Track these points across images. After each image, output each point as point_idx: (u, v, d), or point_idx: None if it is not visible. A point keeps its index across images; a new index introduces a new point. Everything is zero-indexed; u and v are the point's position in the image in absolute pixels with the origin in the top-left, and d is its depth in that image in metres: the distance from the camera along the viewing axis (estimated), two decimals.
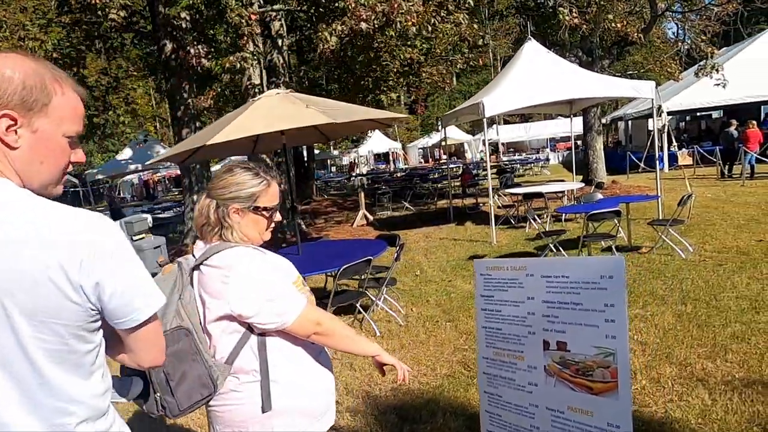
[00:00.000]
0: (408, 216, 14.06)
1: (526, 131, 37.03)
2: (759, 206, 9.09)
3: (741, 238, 6.81)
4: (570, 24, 9.28)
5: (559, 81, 8.76)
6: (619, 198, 7.09)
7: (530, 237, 8.57)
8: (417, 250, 8.91)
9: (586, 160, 13.99)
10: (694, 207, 9.73)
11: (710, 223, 8.01)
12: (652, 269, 5.85)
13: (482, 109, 8.38)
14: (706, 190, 11.97)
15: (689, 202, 6.37)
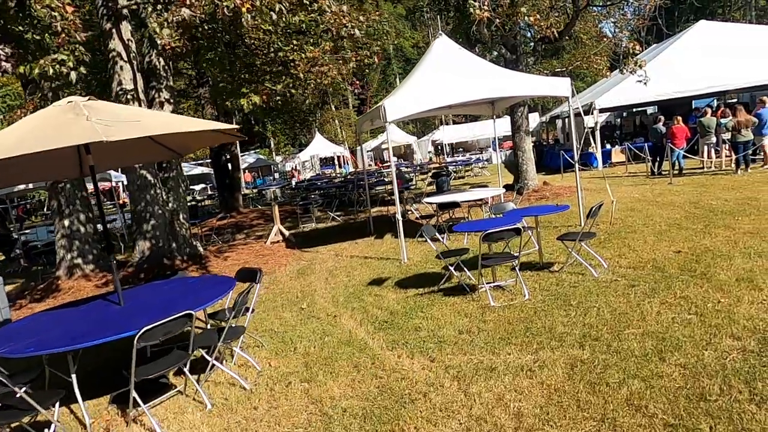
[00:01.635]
0: (333, 228, 13.06)
1: (471, 130, 36.54)
2: (683, 207, 8.61)
3: (659, 249, 6.16)
4: (481, 18, 8.51)
5: (470, 80, 7.97)
6: (529, 210, 6.33)
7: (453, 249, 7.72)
8: (320, 273, 7.91)
9: (516, 161, 13.39)
10: (619, 210, 9.23)
11: (631, 230, 7.39)
12: (559, 294, 5.06)
13: (383, 113, 7.49)
14: (635, 190, 11.56)
15: (599, 212, 5.65)
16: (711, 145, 13.72)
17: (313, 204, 16.13)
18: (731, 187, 10.02)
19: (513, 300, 5.15)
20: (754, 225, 6.62)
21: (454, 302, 5.35)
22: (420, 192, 18.62)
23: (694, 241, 6.29)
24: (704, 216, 7.66)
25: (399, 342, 4.49)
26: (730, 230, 6.55)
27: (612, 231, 7.50)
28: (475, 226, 5.57)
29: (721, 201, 8.62)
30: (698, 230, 6.79)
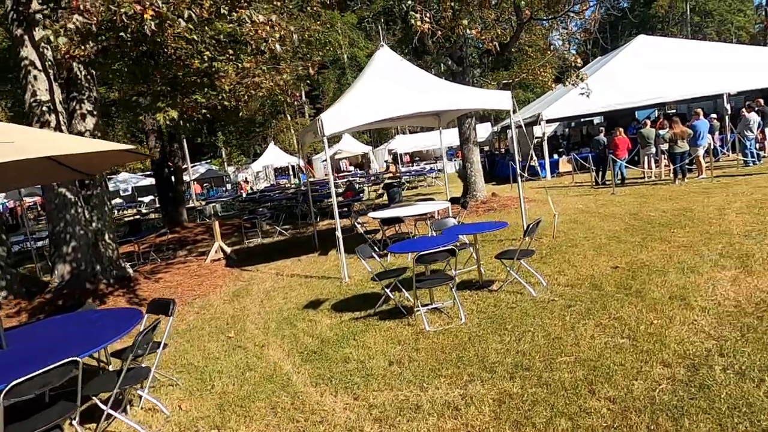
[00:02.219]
0: (279, 243, 12.61)
1: (425, 140, 36.42)
2: (623, 219, 8.70)
3: (598, 264, 6.11)
4: (422, 29, 8.38)
5: (410, 93, 7.79)
6: (466, 227, 6.16)
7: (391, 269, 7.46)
8: (256, 294, 7.48)
9: (464, 173, 13.36)
10: (563, 222, 9.25)
11: (573, 244, 7.35)
12: (495, 317, 4.87)
13: (320, 127, 7.18)
14: (580, 200, 11.71)
15: (536, 230, 5.53)
16: (651, 156, 14.14)
17: (259, 218, 15.60)
18: (669, 197, 10.26)
19: (449, 324, 4.92)
20: (688, 238, 6.69)
21: (389, 327, 5.08)
22: (372, 204, 18.39)
23: (631, 255, 6.28)
24: (642, 228, 7.73)
25: (324, 376, 4.16)
26: (666, 243, 6.59)
27: (554, 245, 7.45)
28: (410, 246, 5.33)
29: (659, 212, 8.77)
30: (636, 243, 6.81)
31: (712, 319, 4.06)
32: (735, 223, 7.12)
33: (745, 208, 8.01)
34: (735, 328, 3.82)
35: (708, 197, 9.53)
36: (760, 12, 49.74)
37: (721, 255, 5.70)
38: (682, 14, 48.76)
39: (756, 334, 3.64)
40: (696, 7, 48.55)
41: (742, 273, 5.03)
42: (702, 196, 9.70)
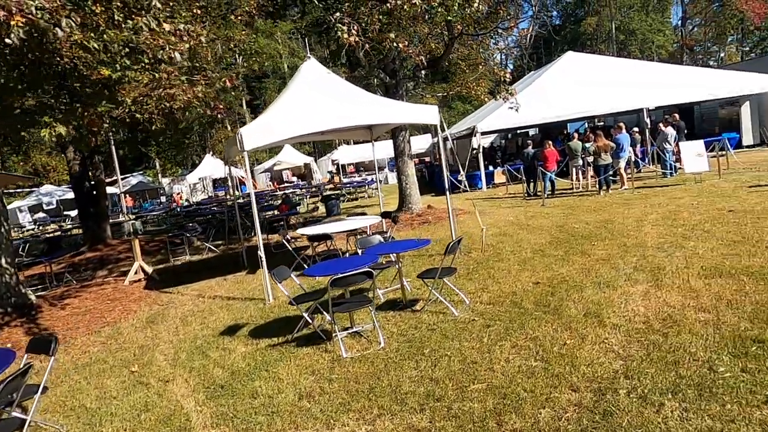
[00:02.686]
0: (209, 261, 12.02)
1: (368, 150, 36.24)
2: (549, 231, 8.87)
3: (521, 280, 6.12)
4: (348, 42, 8.24)
5: (335, 106, 7.60)
6: (391, 245, 6.01)
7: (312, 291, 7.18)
8: (172, 320, 6.99)
9: (399, 185, 13.32)
10: (493, 235, 9.33)
11: (499, 258, 7.38)
12: (414, 340, 4.72)
13: (240, 142, 6.85)
14: (511, 212, 11.91)
15: (458, 248, 5.46)
16: (578, 168, 14.69)
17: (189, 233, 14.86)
18: (593, 209, 10.61)
19: (368, 349, 4.72)
20: (607, 250, 6.87)
21: (305, 354, 4.81)
22: (310, 217, 18.02)
23: (553, 270, 6.35)
24: (566, 241, 7.89)
25: (227, 415, 3.84)
26: (586, 257, 6.73)
27: (481, 260, 7.45)
28: (326, 268, 5.10)
29: (583, 224, 9.01)
30: (558, 258, 6.91)
31: (622, 337, 4.08)
32: (650, 235, 7.39)
33: (660, 219, 8.37)
34: (642, 347, 3.84)
35: (628, 208, 9.93)
36: (677, 32, 53.70)
37: (635, 268, 5.85)
38: (608, 32, 51.72)
39: (660, 353, 3.67)
40: (621, 26, 51.63)
41: (653, 287, 5.16)
42: (623, 208, 10.09)
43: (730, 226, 7.12)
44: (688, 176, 12.86)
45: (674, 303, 4.62)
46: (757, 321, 3.88)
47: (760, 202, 8.45)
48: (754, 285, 4.68)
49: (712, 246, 6.25)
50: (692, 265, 5.61)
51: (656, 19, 52.79)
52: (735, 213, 7.91)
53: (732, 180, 11.57)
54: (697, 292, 4.77)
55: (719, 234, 6.77)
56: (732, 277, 5.01)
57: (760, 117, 19.13)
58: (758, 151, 17.35)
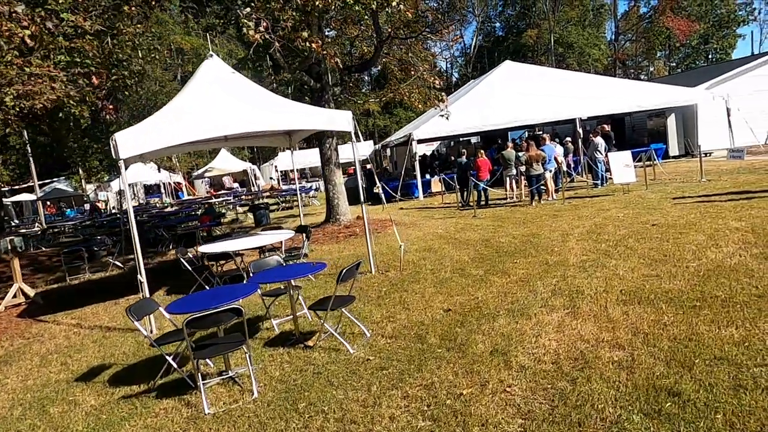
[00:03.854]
0: (111, 279, 10.76)
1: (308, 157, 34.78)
2: (475, 246, 8.37)
3: (433, 306, 5.50)
4: (254, 39, 7.41)
5: (241, 109, 6.75)
6: (284, 271, 5.22)
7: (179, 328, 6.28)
8: (31, 358, 5.88)
9: (327, 195, 12.56)
10: (417, 250, 8.72)
11: (416, 279, 6.75)
12: (294, 389, 3.96)
13: (115, 148, 5.87)
14: (442, 224, 11.40)
15: (355, 274, 4.74)
16: (512, 177, 14.45)
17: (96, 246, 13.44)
18: (523, 221, 10.26)
19: (238, 401, 3.91)
20: (528, 270, 6.38)
21: (162, 410, 3.94)
22: (237, 228, 16.90)
23: (468, 294, 5.77)
24: (489, 258, 7.39)
25: None
26: (506, 277, 6.21)
27: (397, 281, 6.80)
28: (189, 304, 4.25)
29: (509, 238, 8.58)
30: (478, 278, 6.36)
31: (527, 383, 3.49)
32: (573, 251, 7.00)
33: (586, 234, 8.04)
34: (547, 398, 3.26)
35: (556, 221, 9.61)
36: (611, 47, 56.08)
37: (554, 292, 5.36)
38: (547, 45, 53.29)
39: (565, 408, 3.09)
40: (560, 39, 53.33)
41: (569, 315, 4.65)
42: (551, 220, 9.77)
43: (652, 242, 6.82)
44: (617, 187, 12.85)
45: (589, 336, 4.11)
46: (674, 363, 3.39)
47: (682, 215, 8.30)
48: (673, 314, 4.24)
49: (633, 265, 5.87)
50: (612, 288, 5.17)
51: (592, 34, 54.96)
52: (658, 227, 7.68)
53: (658, 191, 11.59)
54: (613, 323, 4.28)
55: (641, 251, 6.44)
56: (651, 303, 4.57)
57: (685, 128, 19.80)
58: (683, 162, 17.86)
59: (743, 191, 9.79)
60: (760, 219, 7.08)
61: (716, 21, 51.39)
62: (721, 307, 4.18)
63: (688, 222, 7.70)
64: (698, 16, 49.65)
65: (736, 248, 5.84)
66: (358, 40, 13.45)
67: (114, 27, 7.82)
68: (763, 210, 7.71)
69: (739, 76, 19.78)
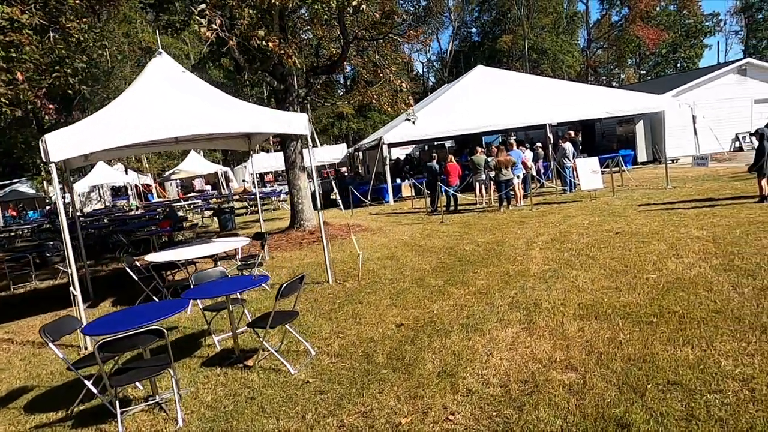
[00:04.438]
0: (57, 288, 10.17)
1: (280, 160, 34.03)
2: (438, 254, 8.13)
3: (386, 320, 5.21)
4: (206, 37, 7.05)
5: (184, 110, 6.37)
6: (226, 284, 4.85)
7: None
8: None
9: (291, 200, 12.20)
10: (379, 258, 8.44)
11: (373, 289, 6.46)
12: (224, 417, 3.61)
13: (45, 150, 5.43)
14: (408, 229, 11.15)
15: (299, 289, 4.42)
16: (482, 182, 14.31)
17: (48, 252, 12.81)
18: (489, 227, 10.08)
19: (160, 431, 3.55)
20: (488, 280, 6.15)
21: None
22: (205, 232, 16.37)
23: (424, 306, 5.51)
24: (451, 267, 7.15)
25: None
26: (465, 288, 5.97)
27: (353, 291, 6.50)
28: (106, 325, 3.86)
29: (474, 246, 8.36)
30: (436, 289, 6.10)
31: (471, 411, 3.23)
32: (536, 260, 6.81)
33: (550, 242, 7.88)
34: (491, 428, 3.00)
35: (522, 228, 9.46)
36: (584, 54, 56.99)
37: (511, 305, 5.13)
38: (522, 50, 53.84)
39: None
40: (534, 46, 53.95)
41: (524, 331, 4.42)
42: (517, 227, 9.62)
43: (615, 251, 6.68)
44: (585, 193, 12.81)
45: (542, 355, 3.87)
46: (626, 388, 3.17)
47: (646, 223, 8.21)
48: (629, 331, 4.04)
49: (593, 276, 5.70)
50: (570, 301, 4.97)
51: (566, 41, 55.81)
52: (622, 235, 7.56)
53: (624, 197, 11.57)
54: (568, 340, 4.06)
55: (603, 261, 6.28)
56: (608, 319, 4.38)
57: (653, 135, 20.04)
58: (651, 168, 18.03)
59: (707, 198, 9.81)
60: (721, 228, 7.01)
61: (684, 31, 52.76)
62: (678, 324, 4.00)
63: (651, 230, 7.61)
64: (667, 25, 50.88)
65: (697, 259, 5.72)
66: (326, 41, 13.13)
67: (57, 21, 7.34)
68: (724, 218, 7.67)
69: (705, 84, 20.14)
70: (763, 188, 8.56)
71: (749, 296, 4.34)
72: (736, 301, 4.26)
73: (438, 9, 59.56)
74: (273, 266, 8.92)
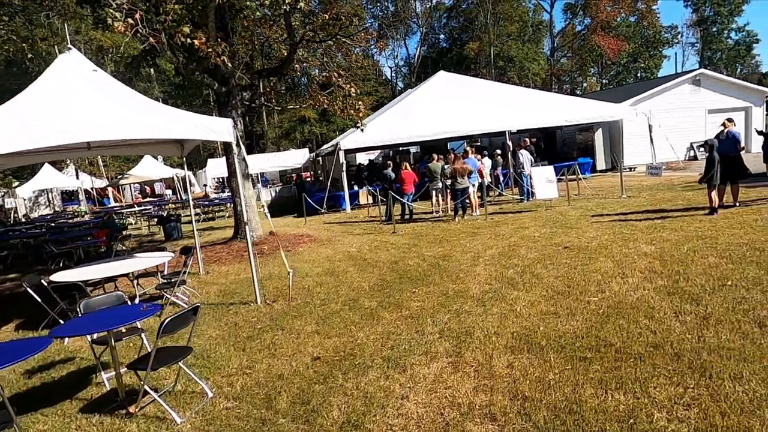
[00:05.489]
0: None
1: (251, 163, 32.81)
2: (382, 269, 7.63)
3: (303, 352, 4.65)
4: (119, 31, 6.36)
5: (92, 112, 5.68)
6: (105, 317, 4.17)
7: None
8: None
9: (234, 210, 11.51)
10: (317, 274, 7.87)
11: (301, 312, 5.89)
12: None
13: None
14: (358, 240, 10.61)
15: (191, 319, 3.81)
16: (438, 191, 13.91)
17: None
18: (440, 239, 9.64)
19: None
20: (425, 302, 5.67)
21: None
22: (144, 242, 15.45)
23: (349, 334, 4.97)
24: (391, 284, 6.65)
25: None
26: (398, 311, 5.46)
27: (278, 315, 5.91)
28: None
29: (419, 260, 7.89)
30: (368, 313, 5.58)
31: None
32: (478, 278, 6.37)
33: (497, 256, 7.47)
34: None
35: (473, 240, 9.05)
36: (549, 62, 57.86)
37: (442, 333, 4.65)
38: (488, 58, 54.23)
39: None
40: (501, 53, 54.43)
41: (449, 366, 3.94)
42: (468, 239, 9.21)
43: (560, 269, 6.30)
44: (542, 202, 12.56)
45: (462, 399, 3.39)
46: None
47: (596, 236, 7.91)
48: (560, 369, 3.60)
49: (534, 298, 5.28)
50: (504, 329, 4.52)
51: (531, 49, 56.54)
52: (570, 250, 7.21)
53: (579, 207, 11.33)
54: (494, 380, 3.59)
55: (547, 280, 5.88)
56: (540, 353, 3.93)
57: (611, 143, 20.13)
58: (609, 176, 18.03)
59: (659, 209, 9.63)
60: (669, 243, 6.74)
61: (644, 42, 54.22)
62: (614, 361, 3.58)
63: (600, 244, 7.29)
64: (627, 36, 52.15)
65: (641, 279, 5.38)
66: (275, 42, 12.52)
67: None
68: (674, 232, 7.42)
69: (661, 93, 20.39)
70: (713, 200, 8.40)
71: (691, 326, 3.97)
72: (677, 332, 3.88)
73: (406, 14, 59.53)
74: (204, 283, 8.24)
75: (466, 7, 57.87)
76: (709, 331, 3.79)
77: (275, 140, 42.19)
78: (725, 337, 3.63)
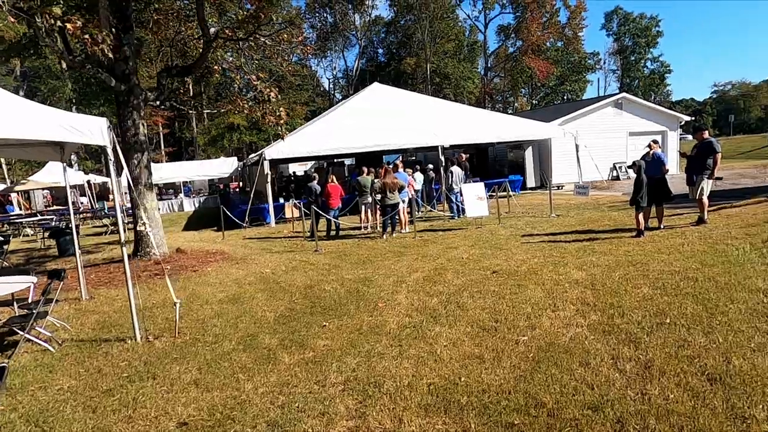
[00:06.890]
0: None
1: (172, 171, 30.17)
2: (294, 295, 6.73)
3: (171, 412, 3.67)
4: None
5: None
6: None
7: None
8: None
9: (134, 222, 10.17)
10: (220, 302, 6.84)
11: (185, 353, 4.87)
12: None
13: None
14: (276, 260, 9.60)
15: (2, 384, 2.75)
16: (367, 205, 13.19)
17: None
18: (365, 259, 8.88)
19: None
20: (332, 340, 4.84)
21: None
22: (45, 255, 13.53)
23: (236, 385, 4.04)
24: (300, 315, 5.77)
25: None
26: (300, 353, 4.60)
27: (159, 355, 4.85)
28: None
29: (337, 285, 7.07)
30: (264, 354, 4.66)
31: None
32: (400, 308, 5.64)
33: (422, 281, 6.80)
34: None
35: (398, 261, 8.36)
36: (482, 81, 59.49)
37: (346, 384, 3.84)
38: (424, 74, 54.84)
39: None
40: (438, 70, 55.21)
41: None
42: (394, 260, 8.51)
43: (488, 298, 5.70)
44: (472, 220, 12.16)
45: None
46: None
47: (526, 259, 7.45)
48: None
49: (457, 336, 4.60)
50: (419, 380, 3.78)
51: (467, 68, 57.84)
52: (498, 275, 6.67)
53: (509, 226, 11.01)
54: None
55: (473, 312, 5.25)
56: (459, 415, 3.22)
57: (541, 161, 20.41)
58: (539, 194, 18.16)
59: (587, 230, 9.42)
60: (600, 269, 6.35)
61: (570, 66, 57.08)
62: (546, 429, 2.92)
63: (529, 269, 6.81)
64: (555, 60, 54.69)
65: (574, 312, 4.86)
66: (189, 39, 11.36)
67: None
68: (603, 256, 7.09)
69: (587, 114, 20.97)
70: (640, 222, 8.23)
71: (632, 377, 3.41)
72: (617, 386, 3.31)
73: (344, 26, 59.16)
74: (84, 311, 6.94)
75: (404, 23, 58.40)
76: (653, 385, 3.23)
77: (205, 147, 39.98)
78: (672, 395, 3.08)
